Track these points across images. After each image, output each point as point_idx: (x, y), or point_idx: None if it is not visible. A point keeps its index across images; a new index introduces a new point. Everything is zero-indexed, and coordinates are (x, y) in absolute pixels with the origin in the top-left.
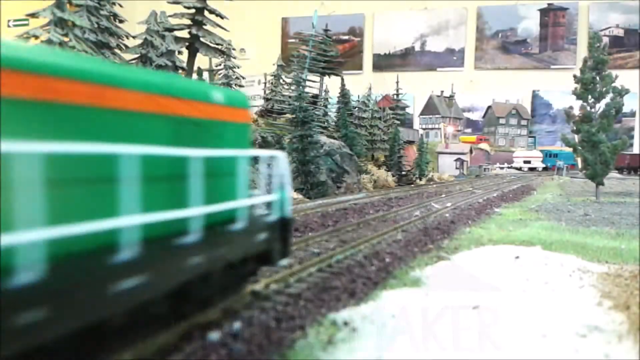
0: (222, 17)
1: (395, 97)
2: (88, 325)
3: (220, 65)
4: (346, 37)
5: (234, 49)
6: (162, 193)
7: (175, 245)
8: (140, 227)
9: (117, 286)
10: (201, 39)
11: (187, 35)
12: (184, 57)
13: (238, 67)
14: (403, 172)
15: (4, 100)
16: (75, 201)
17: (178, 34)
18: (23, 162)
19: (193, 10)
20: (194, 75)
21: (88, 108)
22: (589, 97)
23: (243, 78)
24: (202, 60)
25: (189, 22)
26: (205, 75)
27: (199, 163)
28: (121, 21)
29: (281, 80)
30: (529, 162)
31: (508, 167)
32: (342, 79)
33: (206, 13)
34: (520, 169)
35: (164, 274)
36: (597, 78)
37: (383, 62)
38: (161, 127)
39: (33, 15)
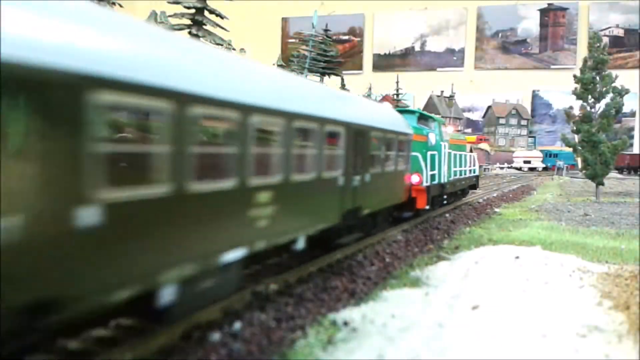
0: (222, 17)
1: (395, 97)
2: (455, 190)
3: None
4: (346, 37)
5: (234, 49)
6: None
7: (457, 178)
8: (452, 172)
9: (457, 183)
10: (201, 39)
11: (187, 36)
12: None
13: None
14: None
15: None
16: (455, 164)
17: (178, 34)
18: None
19: (193, 10)
20: None
21: (457, 144)
22: (589, 97)
23: None
24: None
25: (189, 22)
26: None
27: (456, 155)
28: None
29: None
30: (529, 162)
31: (508, 167)
32: (342, 79)
33: (206, 13)
34: (520, 169)
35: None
36: (597, 78)
37: (383, 62)
38: (460, 147)
39: None
